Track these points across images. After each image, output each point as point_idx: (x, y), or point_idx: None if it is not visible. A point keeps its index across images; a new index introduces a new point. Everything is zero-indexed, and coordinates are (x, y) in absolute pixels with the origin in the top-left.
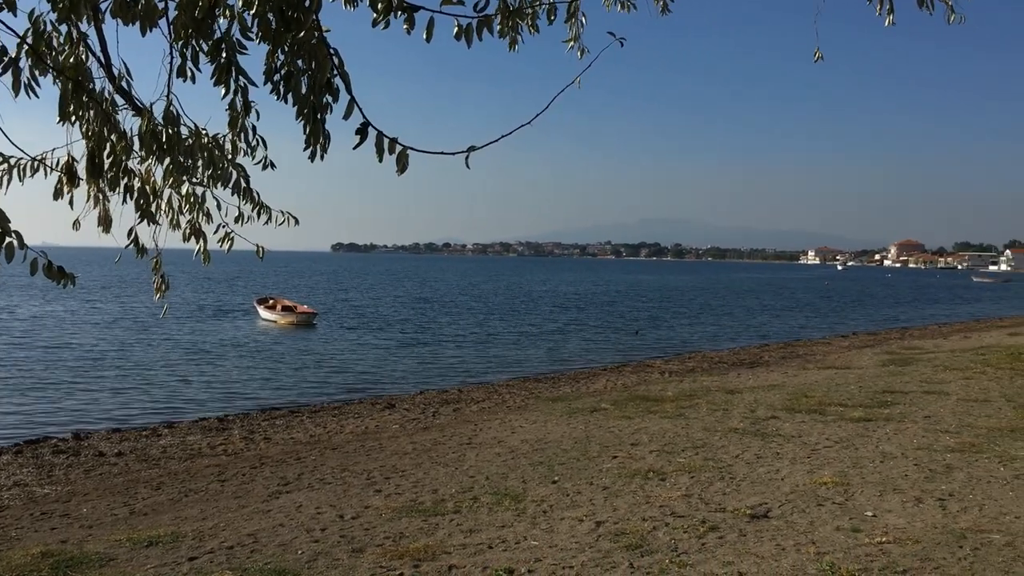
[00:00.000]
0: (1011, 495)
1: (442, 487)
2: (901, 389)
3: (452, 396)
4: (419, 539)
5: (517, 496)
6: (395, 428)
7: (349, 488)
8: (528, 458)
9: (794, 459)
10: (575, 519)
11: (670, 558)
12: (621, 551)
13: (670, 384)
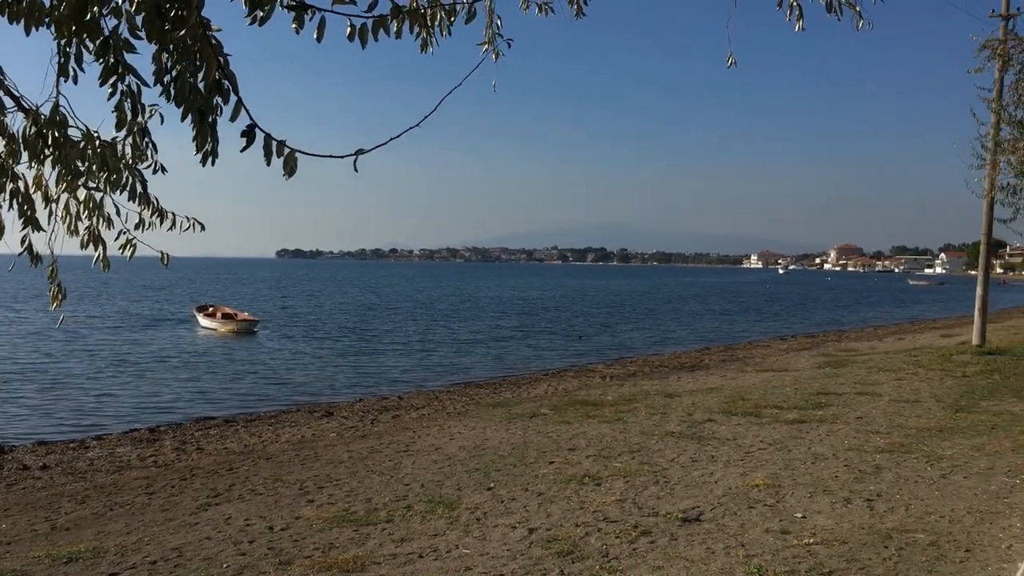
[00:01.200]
0: (937, 495)
1: (376, 496)
2: (835, 391)
3: (392, 403)
4: (349, 550)
5: (451, 504)
6: (332, 436)
7: (281, 499)
8: (465, 465)
9: (728, 462)
10: (508, 526)
11: (601, 564)
12: (552, 558)
13: (611, 389)
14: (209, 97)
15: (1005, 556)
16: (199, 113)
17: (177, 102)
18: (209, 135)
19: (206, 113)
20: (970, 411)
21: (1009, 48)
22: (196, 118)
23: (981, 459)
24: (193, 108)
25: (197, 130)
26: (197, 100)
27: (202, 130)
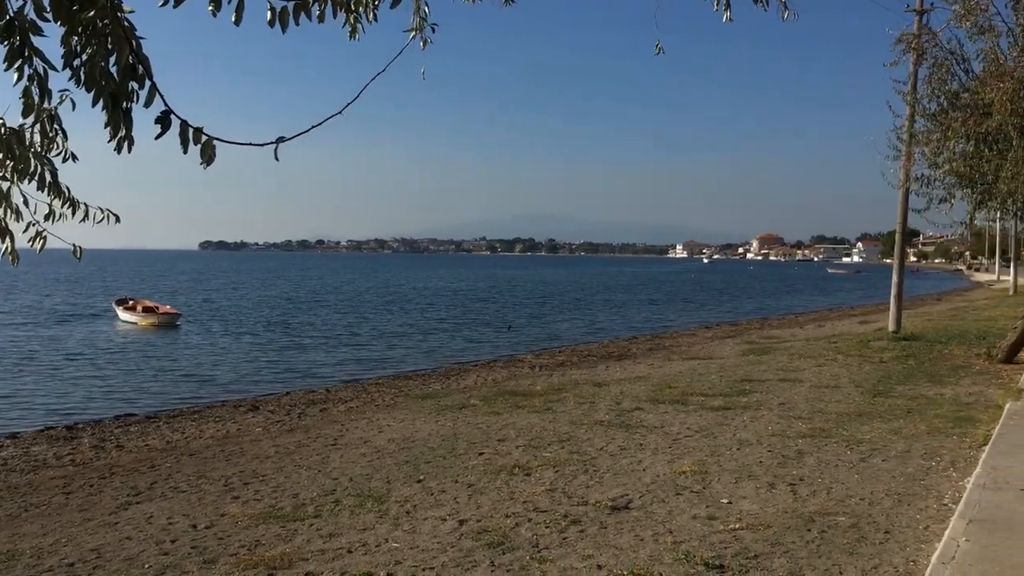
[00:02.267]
0: (857, 478)
1: (303, 491)
2: (759, 377)
3: (319, 396)
4: (276, 546)
5: (380, 497)
6: (258, 431)
7: (205, 496)
8: (394, 457)
9: (656, 449)
10: (438, 518)
11: (531, 554)
12: (483, 549)
13: (540, 379)
14: (122, 82)
15: (923, 537)
16: (112, 98)
17: (88, 87)
18: (123, 121)
19: (119, 99)
20: (887, 396)
21: (923, 42)
22: (109, 104)
23: (898, 442)
24: (105, 93)
25: (110, 116)
26: (109, 85)
27: (115, 116)
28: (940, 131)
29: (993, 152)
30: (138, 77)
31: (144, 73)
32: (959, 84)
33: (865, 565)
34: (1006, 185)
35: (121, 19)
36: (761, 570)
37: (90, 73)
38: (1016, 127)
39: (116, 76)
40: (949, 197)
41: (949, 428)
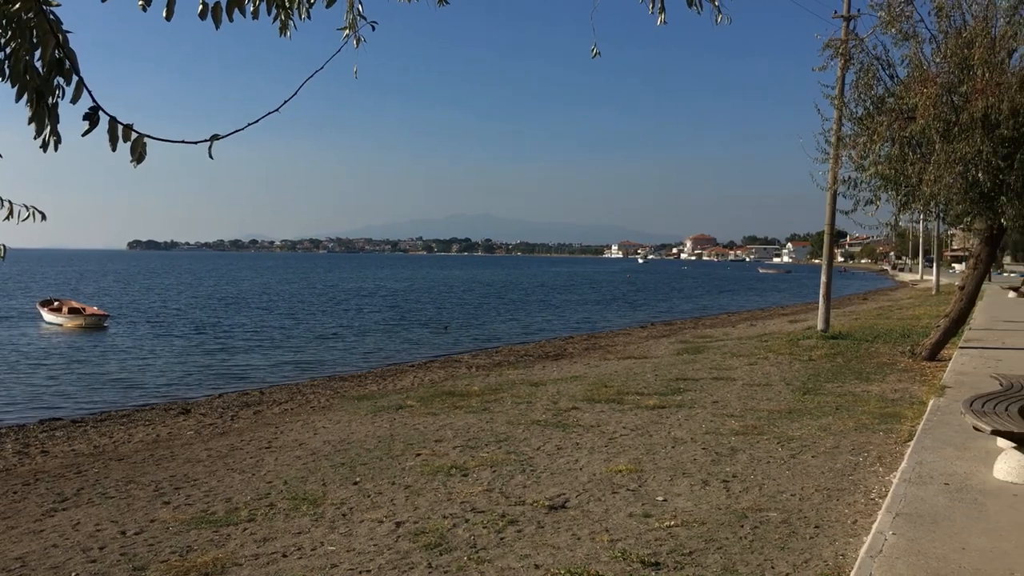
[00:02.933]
0: (788, 474)
1: (237, 495)
2: (693, 376)
3: (253, 398)
4: (208, 552)
5: (316, 500)
6: (190, 435)
7: (134, 501)
8: (330, 460)
9: (592, 449)
10: (375, 520)
11: (468, 555)
12: (420, 551)
13: (477, 379)
14: (48, 77)
15: (851, 531)
16: (36, 94)
17: (12, 82)
18: (48, 118)
19: (44, 94)
20: (816, 393)
21: (850, 48)
22: (33, 100)
23: (827, 439)
24: (29, 89)
25: (34, 113)
26: (34, 80)
27: (40, 113)
28: (866, 135)
29: (917, 156)
30: (64, 72)
31: (71, 68)
32: (884, 89)
33: (796, 560)
34: (929, 188)
35: (47, 13)
36: (695, 566)
37: (14, 68)
38: (938, 131)
39: (41, 71)
40: (875, 199)
41: (876, 424)
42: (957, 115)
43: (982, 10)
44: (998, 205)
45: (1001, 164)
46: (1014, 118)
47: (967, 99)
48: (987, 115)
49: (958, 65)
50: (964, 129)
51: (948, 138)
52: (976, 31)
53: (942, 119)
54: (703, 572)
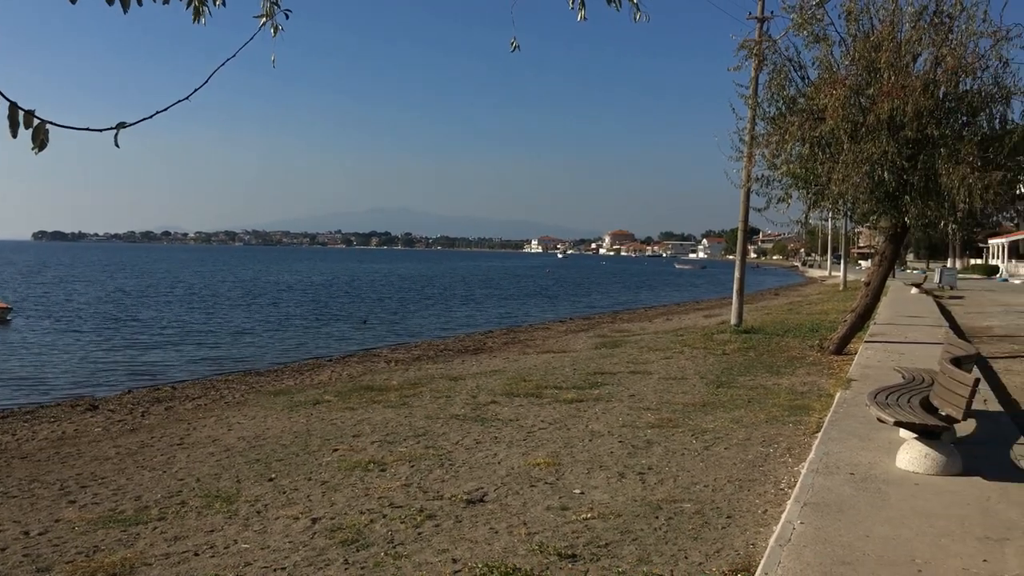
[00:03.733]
0: (701, 466)
1: (147, 493)
2: (610, 370)
3: (165, 394)
4: (116, 552)
5: (230, 497)
6: (97, 431)
7: (38, 501)
8: (244, 456)
9: (511, 442)
10: (291, 517)
11: (386, 550)
12: (336, 547)
13: (396, 373)
14: None
15: (761, 521)
16: None
17: None
18: None
19: None
20: (730, 386)
21: (764, 49)
22: None
23: (739, 431)
24: None
25: None
26: None
27: None
28: (779, 134)
29: (826, 155)
30: None
31: None
32: (796, 90)
33: (708, 549)
34: (837, 187)
35: None
36: (611, 558)
37: None
38: (847, 132)
39: None
40: (786, 197)
41: (786, 416)
42: (864, 116)
43: (889, 15)
44: (902, 204)
45: (905, 165)
46: (917, 120)
47: (874, 101)
48: (892, 117)
49: (866, 68)
50: (871, 130)
51: (856, 139)
52: (883, 35)
53: (850, 120)
54: (619, 564)
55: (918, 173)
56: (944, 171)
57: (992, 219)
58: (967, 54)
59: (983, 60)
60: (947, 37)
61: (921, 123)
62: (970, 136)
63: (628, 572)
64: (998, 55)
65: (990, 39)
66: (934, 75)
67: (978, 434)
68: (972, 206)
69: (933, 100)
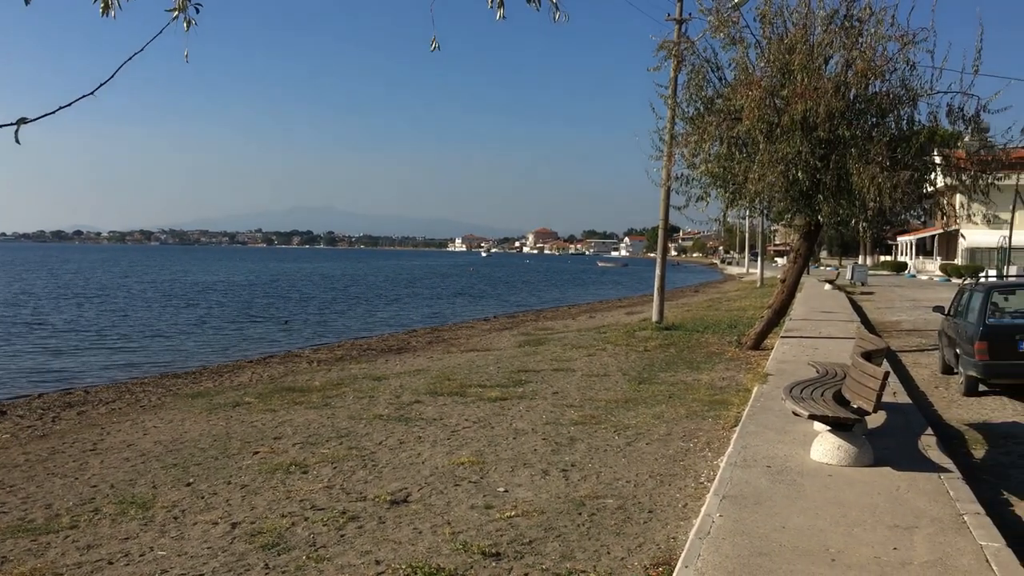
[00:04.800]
0: (624, 461)
1: (58, 501)
2: (534, 368)
3: (77, 398)
4: (26, 562)
5: (145, 503)
6: (5, 438)
7: None
8: (161, 461)
9: (435, 442)
10: (209, 522)
11: (307, 554)
12: (257, 552)
13: (318, 374)
14: None
15: (682, 514)
16: None
17: None
18: None
19: None
20: (651, 382)
21: (682, 50)
22: None
23: (660, 426)
24: None
25: None
26: None
27: None
28: (697, 134)
29: (743, 155)
30: None
31: None
32: (714, 90)
33: (631, 544)
34: (754, 185)
35: None
36: (535, 555)
37: None
38: (762, 132)
39: None
40: (705, 196)
41: (705, 411)
42: (779, 117)
43: (801, 19)
44: (815, 203)
45: (818, 164)
46: (829, 121)
47: (788, 102)
48: (806, 118)
49: (780, 70)
50: (785, 131)
51: (771, 139)
52: (796, 38)
53: (766, 121)
54: (542, 561)
55: (830, 173)
56: (855, 171)
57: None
58: (876, 57)
59: (891, 63)
60: (857, 41)
61: (833, 124)
62: (879, 137)
63: (551, 569)
64: (905, 58)
65: (897, 43)
66: (845, 77)
67: (888, 426)
68: (881, 204)
69: (844, 102)
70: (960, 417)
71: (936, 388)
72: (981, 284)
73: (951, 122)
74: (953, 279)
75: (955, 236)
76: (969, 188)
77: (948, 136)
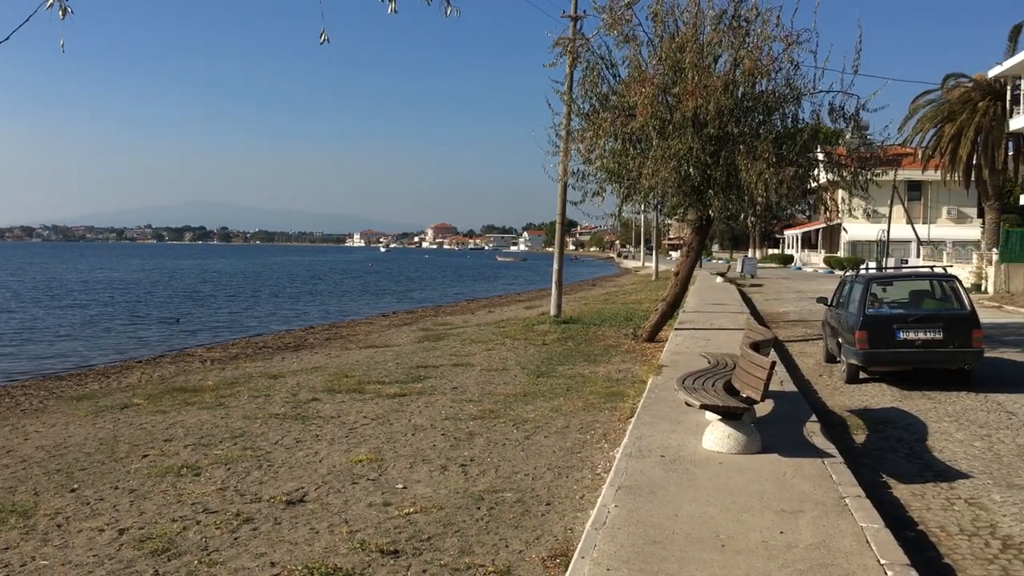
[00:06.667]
0: (522, 455)
1: None
2: (433, 363)
3: None
4: None
5: (26, 511)
6: None
7: None
8: (43, 467)
9: (333, 440)
10: (95, 529)
11: (199, 558)
12: (146, 558)
13: (211, 373)
14: None
15: (579, 506)
16: None
17: None
18: None
19: None
20: (549, 376)
21: (577, 47)
22: None
23: (558, 419)
24: None
25: None
26: None
27: None
28: (592, 130)
29: (637, 151)
30: None
31: None
32: (608, 87)
33: (529, 537)
34: (647, 181)
35: None
36: (434, 551)
37: None
38: (655, 129)
39: None
40: (601, 191)
41: (602, 403)
42: (671, 114)
43: (692, 18)
44: (707, 198)
45: (709, 160)
46: (719, 118)
47: (679, 100)
48: (696, 115)
49: (671, 68)
50: (677, 127)
51: (664, 135)
52: (687, 37)
53: (658, 117)
54: (441, 557)
55: (720, 169)
56: (743, 167)
57: (787, 211)
58: (762, 57)
59: (777, 63)
60: (744, 40)
61: (722, 121)
62: (766, 134)
63: (450, 565)
64: (790, 58)
65: (782, 43)
66: (733, 76)
67: (776, 413)
68: (768, 199)
69: (733, 100)
70: (842, 404)
71: (820, 376)
72: (861, 276)
73: (833, 120)
74: (836, 271)
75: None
76: (850, 184)
77: (830, 134)
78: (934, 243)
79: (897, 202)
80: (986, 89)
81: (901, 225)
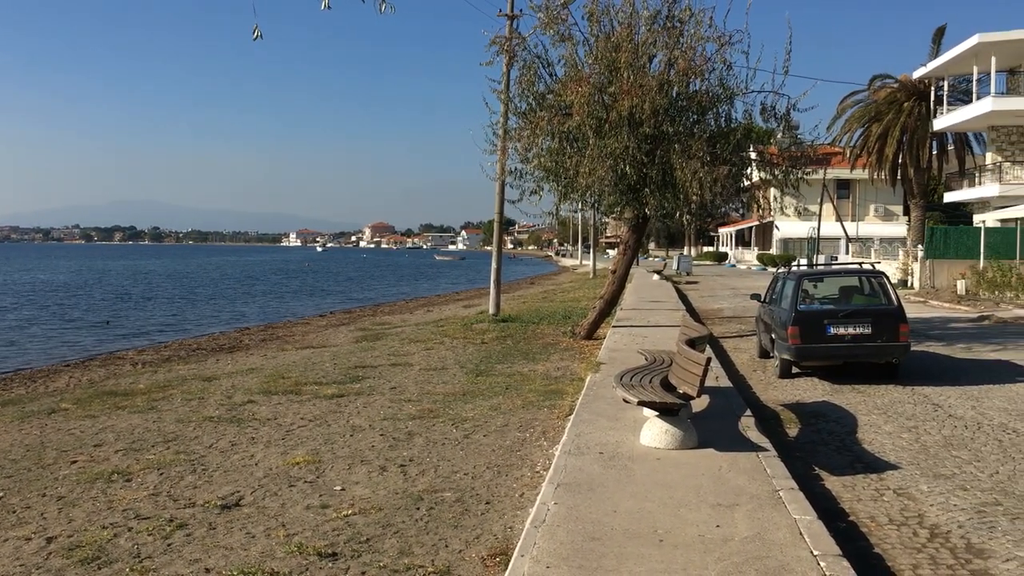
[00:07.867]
0: (461, 454)
1: None
2: (372, 363)
3: None
4: None
5: None
6: None
7: None
8: None
9: (269, 442)
10: (22, 538)
11: (131, 566)
12: (75, 567)
13: (143, 376)
14: None
15: (519, 504)
16: None
17: None
18: None
19: None
20: (488, 375)
21: (514, 45)
22: None
23: (498, 417)
24: None
25: None
26: None
27: None
28: (530, 129)
29: (574, 150)
30: None
31: None
32: (545, 86)
33: (468, 536)
34: (584, 179)
35: None
36: (373, 553)
37: None
38: (592, 128)
39: None
40: (538, 190)
41: (541, 401)
42: (607, 113)
43: (627, 18)
44: (643, 196)
45: (644, 159)
46: (654, 118)
47: (615, 99)
48: (632, 114)
49: (607, 67)
50: (613, 126)
51: (600, 134)
52: (622, 37)
53: (595, 116)
54: (380, 558)
55: (656, 167)
56: (678, 165)
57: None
58: (696, 57)
59: (710, 63)
60: (678, 41)
61: (657, 120)
62: (700, 133)
63: (389, 566)
64: (723, 59)
65: (715, 44)
66: (668, 76)
67: (711, 409)
68: (703, 198)
69: (667, 99)
70: (776, 398)
71: (754, 371)
72: (793, 273)
73: (764, 120)
74: (769, 268)
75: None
76: (781, 182)
77: (762, 133)
78: (862, 240)
79: (827, 200)
80: (911, 90)
81: (831, 223)
